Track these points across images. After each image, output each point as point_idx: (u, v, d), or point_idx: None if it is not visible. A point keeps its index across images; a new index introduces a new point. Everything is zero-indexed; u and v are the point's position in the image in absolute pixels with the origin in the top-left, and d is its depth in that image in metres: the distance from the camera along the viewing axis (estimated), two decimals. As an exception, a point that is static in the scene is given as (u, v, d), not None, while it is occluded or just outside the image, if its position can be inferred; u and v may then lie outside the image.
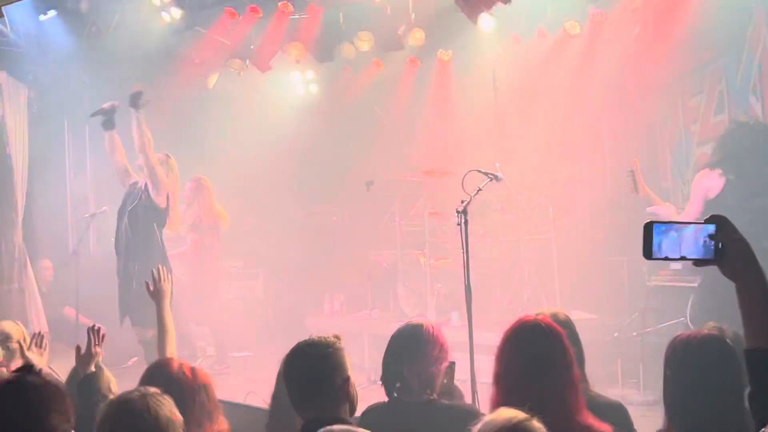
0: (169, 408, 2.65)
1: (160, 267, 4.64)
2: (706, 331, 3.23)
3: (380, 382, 3.56)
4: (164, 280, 4.56)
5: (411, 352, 3.46)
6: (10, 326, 5.09)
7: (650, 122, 8.78)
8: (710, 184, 6.10)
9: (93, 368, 3.97)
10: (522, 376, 2.89)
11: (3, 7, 5.76)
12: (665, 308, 6.88)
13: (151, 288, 4.54)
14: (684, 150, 8.39)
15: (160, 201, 7.41)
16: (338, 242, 9.96)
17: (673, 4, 7.63)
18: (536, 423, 2.32)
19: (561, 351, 2.96)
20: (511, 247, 8.55)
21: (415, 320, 3.64)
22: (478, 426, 2.30)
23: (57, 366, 6.30)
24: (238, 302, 10.02)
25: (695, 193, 6.21)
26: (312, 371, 2.97)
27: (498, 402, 2.81)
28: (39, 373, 2.43)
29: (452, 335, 8.06)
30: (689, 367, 2.96)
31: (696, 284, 6.70)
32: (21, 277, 9.01)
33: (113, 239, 9.37)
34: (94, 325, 4.07)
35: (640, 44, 8.20)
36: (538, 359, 2.92)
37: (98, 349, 4.01)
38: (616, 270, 8.18)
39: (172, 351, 4.37)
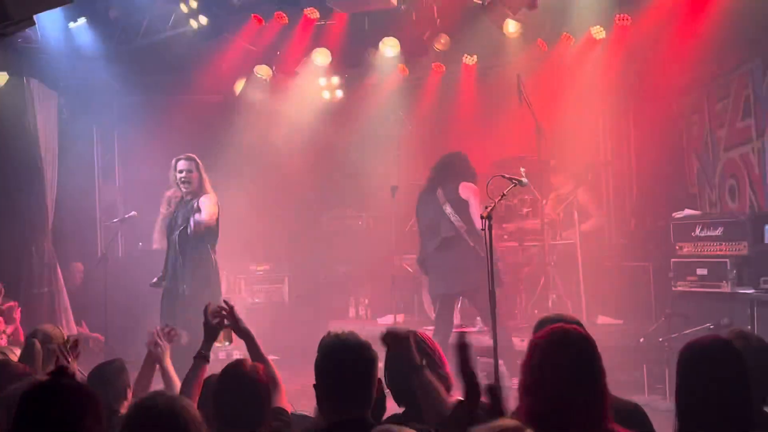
0: (193, 408, 2.69)
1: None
2: (712, 336, 3.24)
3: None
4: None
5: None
6: (51, 329, 5.15)
7: (676, 127, 8.75)
8: None
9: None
10: (555, 385, 2.78)
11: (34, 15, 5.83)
12: (691, 314, 6.84)
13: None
14: (710, 155, 8.35)
15: (212, 221, 7.31)
16: (363, 247, 9.98)
17: (699, 10, 7.59)
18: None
19: (594, 359, 2.91)
20: (536, 252, 8.54)
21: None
22: None
23: (85, 368, 6.39)
24: (263, 306, 10.09)
25: None
26: (354, 367, 2.97)
27: (530, 412, 2.76)
28: (73, 376, 2.48)
29: (477, 340, 8.10)
30: (694, 371, 2.97)
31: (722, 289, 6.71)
32: (51, 281, 9.15)
33: (141, 243, 9.53)
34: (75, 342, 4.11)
35: (666, 49, 8.16)
36: (573, 368, 2.83)
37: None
38: (642, 275, 8.15)
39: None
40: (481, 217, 5.11)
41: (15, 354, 5.12)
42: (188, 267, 7.20)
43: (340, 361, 2.99)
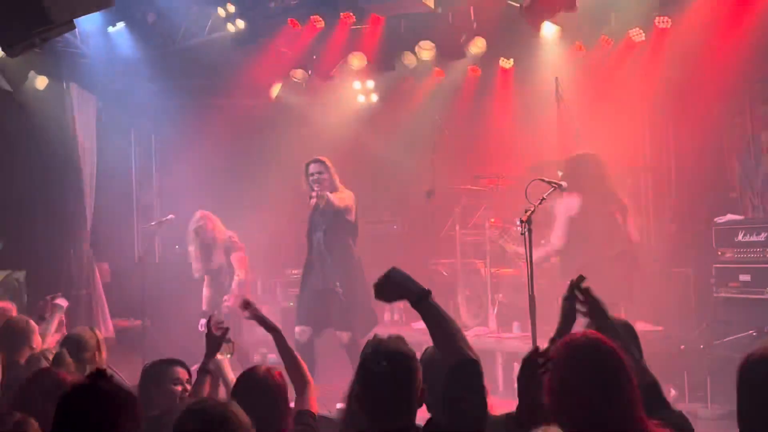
0: (244, 415, 2.68)
1: None
2: None
3: None
4: None
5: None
6: (84, 333, 5.14)
7: (716, 130, 8.61)
8: None
9: None
10: (578, 396, 2.74)
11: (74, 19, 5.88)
12: (733, 320, 6.73)
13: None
14: (753, 159, 8.21)
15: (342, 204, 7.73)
16: (398, 251, 9.93)
17: (741, 11, 7.47)
18: None
19: (621, 367, 2.87)
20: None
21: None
22: None
23: (121, 369, 6.44)
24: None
25: None
26: (396, 376, 2.93)
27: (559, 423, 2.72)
28: (111, 378, 2.48)
29: (514, 345, 8.01)
30: (761, 386, 2.88)
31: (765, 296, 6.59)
32: (89, 283, 9.24)
33: (177, 246, 9.57)
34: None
35: (707, 51, 8.04)
36: (601, 377, 2.78)
37: None
38: (683, 281, 8.02)
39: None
40: (520, 222, 5.07)
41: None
42: (339, 266, 7.60)
43: (379, 372, 2.94)
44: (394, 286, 3.28)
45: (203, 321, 8.38)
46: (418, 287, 3.22)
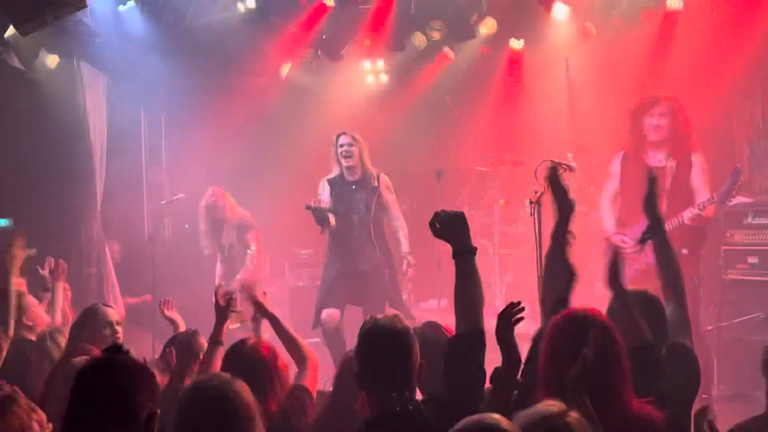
0: (248, 391, 2.74)
1: None
2: None
3: None
4: None
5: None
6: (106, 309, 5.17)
7: (727, 113, 8.59)
8: None
9: None
10: (566, 369, 2.81)
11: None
12: (742, 302, 6.76)
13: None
14: (762, 142, 8.19)
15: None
16: (407, 231, 9.97)
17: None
18: (573, 415, 2.32)
19: (611, 344, 2.93)
20: (582, 239, 8.45)
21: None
22: (515, 420, 2.31)
23: (131, 347, 6.43)
24: (306, 289, 10.12)
25: None
26: (394, 353, 2.97)
27: (543, 396, 2.78)
28: (127, 352, 2.51)
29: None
30: None
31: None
32: (99, 261, 9.28)
33: (187, 225, 9.58)
34: None
35: (719, 33, 8.01)
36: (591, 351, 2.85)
37: None
38: (691, 263, 8.02)
39: None
40: (530, 203, 5.09)
41: (65, 336, 5.18)
42: (382, 245, 7.61)
43: (377, 348, 3.00)
44: (452, 226, 3.32)
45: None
46: (468, 241, 3.28)
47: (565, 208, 3.68)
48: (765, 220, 6.88)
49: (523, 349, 3.18)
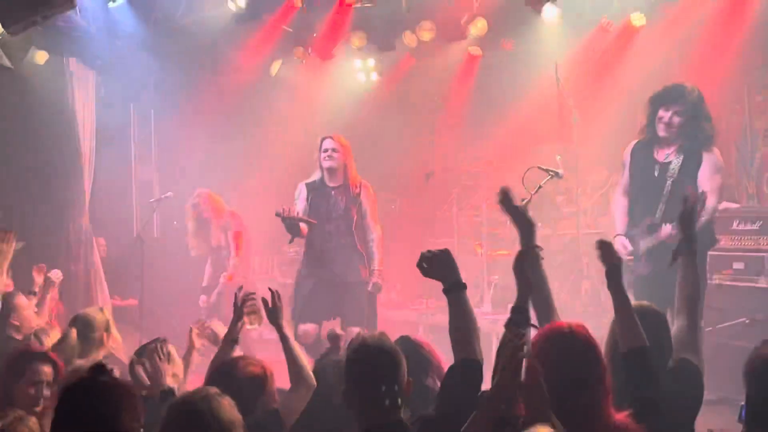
0: (230, 408, 2.75)
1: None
2: None
3: None
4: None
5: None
6: (93, 314, 5.14)
7: (715, 116, 8.61)
8: None
9: None
10: (555, 388, 2.83)
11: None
12: (726, 308, 6.79)
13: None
14: (749, 146, 8.24)
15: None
16: (395, 230, 9.98)
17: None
18: None
19: (596, 364, 2.96)
20: (570, 240, 8.50)
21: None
22: None
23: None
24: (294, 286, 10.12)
25: None
26: (383, 372, 2.99)
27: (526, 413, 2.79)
28: (111, 373, 2.52)
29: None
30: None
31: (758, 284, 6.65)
32: (87, 258, 9.28)
33: (176, 222, 9.57)
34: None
35: (707, 37, 8.04)
36: (574, 373, 2.92)
37: None
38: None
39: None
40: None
41: (50, 336, 5.18)
42: (352, 256, 6.97)
43: (366, 367, 3.03)
44: (440, 265, 3.36)
45: (204, 297, 8.48)
46: (458, 277, 3.32)
47: (525, 227, 3.77)
48: (751, 226, 6.93)
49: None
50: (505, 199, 3.83)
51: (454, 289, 3.30)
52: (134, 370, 3.79)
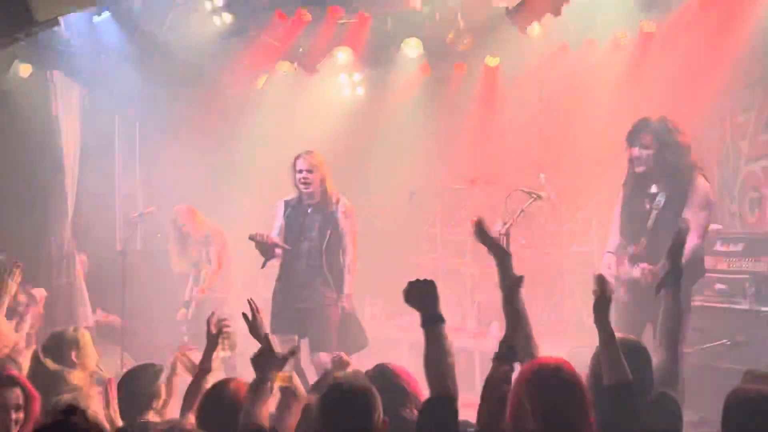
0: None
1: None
2: (758, 390, 3.21)
3: None
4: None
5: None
6: (64, 333, 5.07)
7: (697, 136, 8.68)
8: None
9: None
10: (540, 423, 2.87)
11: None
12: (708, 329, 6.80)
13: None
14: (731, 167, 8.28)
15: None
16: (380, 247, 9.97)
17: (726, 20, 7.52)
18: None
19: (582, 400, 2.97)
20: (554, 259, 8.52)
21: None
22: None
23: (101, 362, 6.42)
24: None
25: None
26: (357, 414, 2.98)
27: None
28: (84, 413, 2.50)
29: (494, 346, 8.05)
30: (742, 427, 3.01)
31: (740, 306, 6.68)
32: (69, 272, 9.22)
33: (159, 234, 9.53)
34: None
35: (690, 58, 8.10)
36: (559, 409, 2.92)
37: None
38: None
39: None
40: (499, 235, 5.10)
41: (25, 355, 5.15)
42: (336, 277, 6.78)
43: (339, 409, 3.00)
44: (420, 295, 3.34)
45: (183, 311, 8.45)
46: (436, 310, 3.29)
47: (501, 257, 3.86)
48: (733, 247, 6.95)
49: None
50: (480, 231, 3.90)
51: (432, 321, 3.27)
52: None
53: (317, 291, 6.70)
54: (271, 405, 3.81)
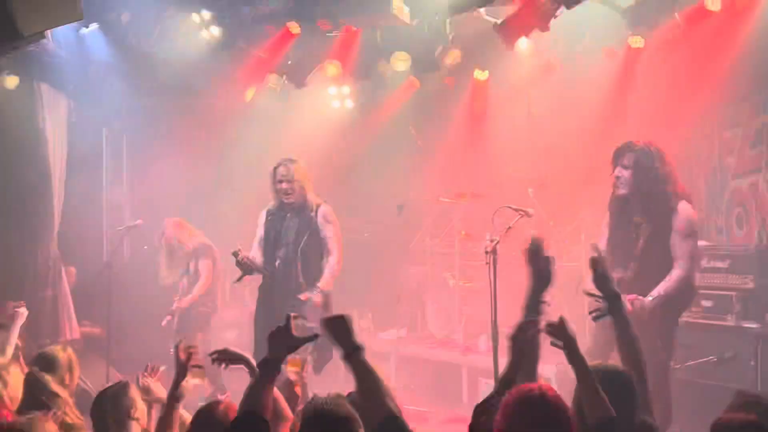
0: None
1: None
2: (743, 419, 3.21)
3: None
4: None
5: None
6: (57, 353, 5.01)
7: (685, 152, 8.71)
8: None
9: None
10: None
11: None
12: (695, 345, 6.82)
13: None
14: (719, 182, 8.31)
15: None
16: (368, 259, 9.95)
17: (713, 36, 7.54)
18: None
19: (566, 427, 2.96)
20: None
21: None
22: None
23: (86, 375, 6.37)
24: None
25: None
26: None
27: None
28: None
29: (481, 360, 8.05)
30: None
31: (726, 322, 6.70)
32: (55, 284, 9.17)
33: (146, 247, 9.49)
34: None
35: (678, 73, 8.12)
36: None
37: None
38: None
39: None
40: (486, 252, 5.09)
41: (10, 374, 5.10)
42: (290, 287, 6.79)
43: None
44: (337, 330, 3.32)
45: (168, 318, 8.40)
46: (354, 342, 3.27)
47: (542, 281, 3.89)
48: (719, 263, 6.96)
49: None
50: (537, 250, 3.89)
51: (349, 355, 3.25)
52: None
53: (288, 298, 6.67)
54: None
